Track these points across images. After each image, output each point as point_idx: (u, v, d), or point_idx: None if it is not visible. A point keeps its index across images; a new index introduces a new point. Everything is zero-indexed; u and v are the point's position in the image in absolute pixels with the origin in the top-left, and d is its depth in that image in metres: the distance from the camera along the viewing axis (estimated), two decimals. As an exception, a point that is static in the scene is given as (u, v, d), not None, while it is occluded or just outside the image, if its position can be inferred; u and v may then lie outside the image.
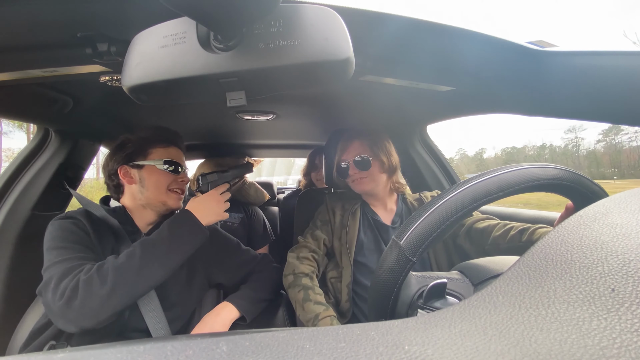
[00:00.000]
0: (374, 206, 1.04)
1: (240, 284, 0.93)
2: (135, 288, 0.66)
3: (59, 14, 0.48)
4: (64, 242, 0.71)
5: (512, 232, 0.74)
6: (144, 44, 0.33)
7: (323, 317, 0.80)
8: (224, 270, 0.92)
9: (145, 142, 0.84)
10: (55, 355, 0.18)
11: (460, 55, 0.64)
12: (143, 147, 0.83)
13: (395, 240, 0.38)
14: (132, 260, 0.67)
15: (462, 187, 0.37)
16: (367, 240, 0.99)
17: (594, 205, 0.25)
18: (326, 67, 0.31)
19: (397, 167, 1.01)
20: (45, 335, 0.71)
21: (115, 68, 0.62)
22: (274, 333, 0.19)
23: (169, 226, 0.74)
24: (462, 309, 0.20)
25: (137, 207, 0.85)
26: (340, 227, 1.01)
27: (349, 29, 0.31)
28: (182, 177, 0.87)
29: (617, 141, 37.51)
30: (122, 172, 0.83)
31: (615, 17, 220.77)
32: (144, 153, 0.83)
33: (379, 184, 0.98)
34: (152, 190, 0.82)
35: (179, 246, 0.72)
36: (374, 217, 1.01)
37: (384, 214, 1.02)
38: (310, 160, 1.83)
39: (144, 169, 0.83)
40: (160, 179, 0.83)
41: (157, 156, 0.84)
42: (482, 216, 0.89)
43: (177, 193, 0.86)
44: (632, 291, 0.16)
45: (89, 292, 0.61)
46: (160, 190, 0.83)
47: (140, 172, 0.83)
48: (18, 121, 2.73)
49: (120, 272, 0.65)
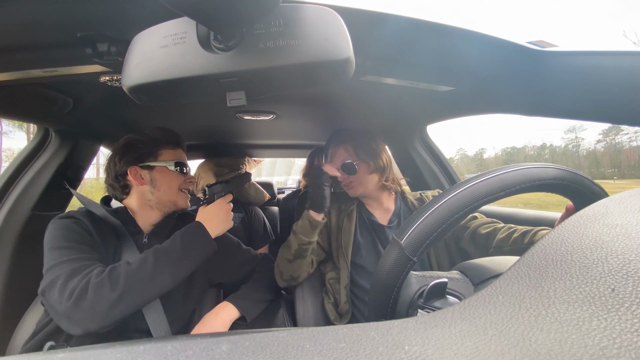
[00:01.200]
0: (370, 206, 1.03)
1: (241, 283, 0.93)
2: (143, 294, 0.67)
3: (59, 14, 0.48)
4: (68, 241, 0.70)
5: (515, 234, 0.74)
6: (144, 44, 0.33)
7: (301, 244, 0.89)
8: (224, 270, 0.93)
9: (155, 143, 0.85)
10: (55, 355, 0.18)
11: (460, 55, 0.64)
12: (153, 148, 0.85)
13: (396, 239, 0.38)
14: (145, 267, 0.68)
15: (463, 187, 0.37)
16: (363, 242, 0.98)
17: (594, 205, 0.25)
18: (326, 67, 0.31)
19: (387, 166, 1.01)
20: (45, 332, 0.71)
21: (115, 68, 0.62)
22: (274, 333, 0.19)
23: (181, 237, 0.75)
24: (462, 308, 0.20)
25: (143, 208, 0.86)
26: (337, 228, 1.01)
27: (349, 29, 0.31)
28: (190, 177, 0.90)
29: (617, 141, 37.49)
30: (132, 173, 0.83)
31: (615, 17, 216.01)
32: (155, 154, 0.85)
33: (370, 185, 0.98)
34: (164, 191, 0.84)
35: (190, 257, 0.73)
36: (370, 218, 1.01)
37: (380, 214, 1.02)
38: (309, 161, 1.81)
39: (155, 170, 0.84)
40: (172, 180, 0.85)
41: (167, 157, 0.86)
42: (488, 220, 0.88)
43: (185, 193, 0.88)
44: (632, 291, 0.16)
45: (99, 295, 0.62)
46: (173, 190, 0.85)
47: (152, 173, 0.84)
48: (18, 121, 2.73)
49: (132, 278, 0.66)
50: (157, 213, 0.87)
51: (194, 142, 1.68)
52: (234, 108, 1.09)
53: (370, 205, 1.03)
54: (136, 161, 0.83)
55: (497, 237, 0.78)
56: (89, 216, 0.79)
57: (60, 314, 0.62)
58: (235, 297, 0.86)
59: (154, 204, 0.85)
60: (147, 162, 0.84)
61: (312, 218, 0.89)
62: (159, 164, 0.84)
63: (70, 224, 0.74)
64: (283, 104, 1.10)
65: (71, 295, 0.61)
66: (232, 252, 0.95)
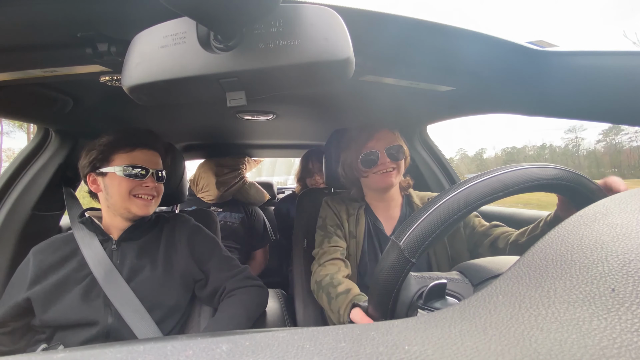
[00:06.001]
0: (377, 208, 0.99)
1: (215, 292, 0.88)
2: None
3: (59, 14, 0.48)
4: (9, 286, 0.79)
5: (531, 226, 0.71)
6: (144, 44, 0.33)
7: (345, 309, 0.71)
8: (201, 270, 0.89)
9: (107, 148, 0.81)
10: (55, 355, 0.18)
11: (460, 55, 0.64)
12: (106, 154, 0.81)
13: (395, 241, 0.38)
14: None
15: (462, 187, 0.37)
16: (368, 250, 0.96)
17: (594, 205, 0.25)
18: (326, 67, 0.31)
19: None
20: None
21: (115, 68, 0.62)
22: (274, 333, 0.19)
23: None
24: (462, 309, 0.20)
25: (108, 214, 0.85)
26: (349, 234, 0.97)
27: (349, 29, 0.31)
28: (147, 182, 0.83)
29: (617, 141, 37.42)
30: (90, 181, 0.83)
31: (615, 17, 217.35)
32: (107, 159, 0.81)
33: (400, 178, 0.94)
34: (115, 198, 0.81)
35: None
36: (375, 224, 0.97)
37: (386, 221, 0.98)
38: (303, 165, 1.72)
39: (107, 176, 0.81)
40: (121, 186, 0.80)
41: (120, 162, 0.81)
42: (510, 229, 0.83)
43: (142, 199, 0.82)
44: (632, 291, 0.16)
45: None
46: (123, 197, 0.80)
47: (104, 179, 0.81)
48: (18, 121, 2.73)
49: None
50: (121, 219, 0.85)
51: (194, 142, 1.68)
52: (234, 108, 1.09)
53: (377, 208, 0.99)
54: (91, 168, 0.82)
55: (514, 235, 0.76)
56: (47, 247, 0.82)
57: None
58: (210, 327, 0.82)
59: (114, 211, 0.83)
60: (100, 168, 0.81)
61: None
62: (109, 169, 0.80)
63: (18, 268, 0.80)
64: (283, 104, 1.10)
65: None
66: (211, 253, 0.91)
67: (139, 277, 0.80)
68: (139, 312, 0.75)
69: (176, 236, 0.90)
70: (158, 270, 0.83)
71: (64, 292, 0.75)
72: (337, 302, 0.74)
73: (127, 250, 0.83)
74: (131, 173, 0.80)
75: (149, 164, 0.84)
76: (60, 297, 0.74)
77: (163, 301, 0.81)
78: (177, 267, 0.86)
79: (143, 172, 0.82)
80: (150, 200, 0.84)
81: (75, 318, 0.73)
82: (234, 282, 0.87)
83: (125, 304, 0.75)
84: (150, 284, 0.80)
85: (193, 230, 0.93)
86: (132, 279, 0.79)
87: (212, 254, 0.91)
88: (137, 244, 0.85)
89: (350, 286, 0.76)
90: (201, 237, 0.93)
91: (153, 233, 0.89)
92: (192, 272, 0.88)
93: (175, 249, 0.88)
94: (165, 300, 0.81)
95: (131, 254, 0.83)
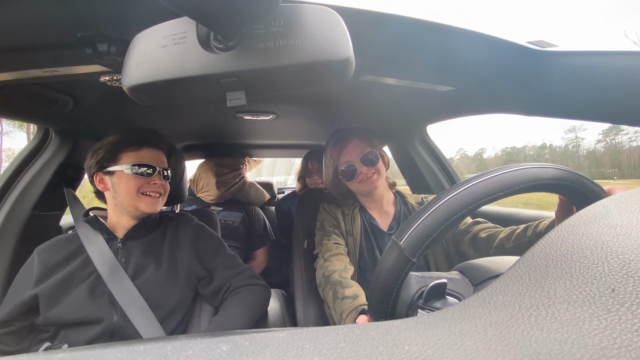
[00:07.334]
0: (371, 209, 1.02)
1: (219, 290, 0.88)
2: None
3: (59, 14, 0.48)
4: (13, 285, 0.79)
5: (518, 230, 0.73)
6: (144, 44, 0.33)
7: (348, 314, 0.73)
8: (205, 269, 0.90)
9: (115, 147, 0.82)
10: (55, 355, 0.18)
11: (460, 55, 0.64)
12: (113, 153, 0.82)
13: (395, 240, 0.38)
14: None
15: (462, 187, 0.37)
16: (366, 246, 0.97)
17: (594, 205, 0.25)
18: (326, 67, 0.31)
19: (388, 160, 1.01)
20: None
21: (115, 68, 0.62)
22: (274, 333, 0.19)
23: None
24: (462, 309, 0.20)
25: (115, 213, 0.86)
26: (346, 232, 0.99)
27: (349, 29, 0.31)
28: (155, 179, 0.84)
29: (617, 141, 37.47)
30: (97, 180, 0.83)
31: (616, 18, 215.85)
32: (115, 158, 0.82)
33: (383, 178, 0.98)
34: (123, 196, 0.81)
35: None
36: (370, 222, 0.99)
37: (381, 218, 1.00)
38: (303, 164, 1.75)
39: (114, 175, 0.82)
40: (129, 183, 0.81)
41: (127, 160, 0.82)
42: (490, 225, 0.86)
43: (150, 197, 0.84)
44: (632, 291, 0.16)
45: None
46: (131, 194, 0.81)
47: (112, 178, 0.82)
48: (18, 121, 2.73)
49: None
50: (129, 218, 0.85)
51: (194, 142, 1.68)
52: (234, 108, 1.09)
53: (371, 208, 1.02)
54: (98, 167, 0.82)
55: (499, 237, 0.78)
56: (51, 246, 0.82)
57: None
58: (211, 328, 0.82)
59: (121, 209, 0.84)
60: (107, 167, 0.82)
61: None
62: (117, 168, 0.81)
63: (23, 267, 0.80)
64: (283, 104, 1.10)
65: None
66: (215, 252, 0.92)
67: (144, 275, 0.81)
68: (144, 311, 0.76)
69: (180, 235, 0.91)
70: (162, 269, 0.83)
71: (70, 289, 0.75)
72: (342, 303, 0.77)
73: (132, 248, 0.84)
74: (139, 171, 0.81)
75: (156, 162, 0.85)
76: (66, 294, 0.75)
77: (167, 300, 0.81)
78: (181, 265, 0.86)
79: (150, 170, 0.83)
80: (157, 198, 0.85)
81: (80, 315, 0.73)
82: (240, 280, 0.88)
83: (130, 302, 0.75)
84: (155, 283, 0.81)
85: (197, 229, 0.94)
86: (136, 277, 0.80)
87: (217, 252, 0.92)
88: (142, 242, 0.85)
89: (359, 292, 0.78)
90: (205, 236, 0.94)
91: (157, 232, 0.90)
92: (195, 270, 0.88)
93: (179, 248, 0.89)
94: (169, 298, 0.82)
95: (136, 253, 0.83)
